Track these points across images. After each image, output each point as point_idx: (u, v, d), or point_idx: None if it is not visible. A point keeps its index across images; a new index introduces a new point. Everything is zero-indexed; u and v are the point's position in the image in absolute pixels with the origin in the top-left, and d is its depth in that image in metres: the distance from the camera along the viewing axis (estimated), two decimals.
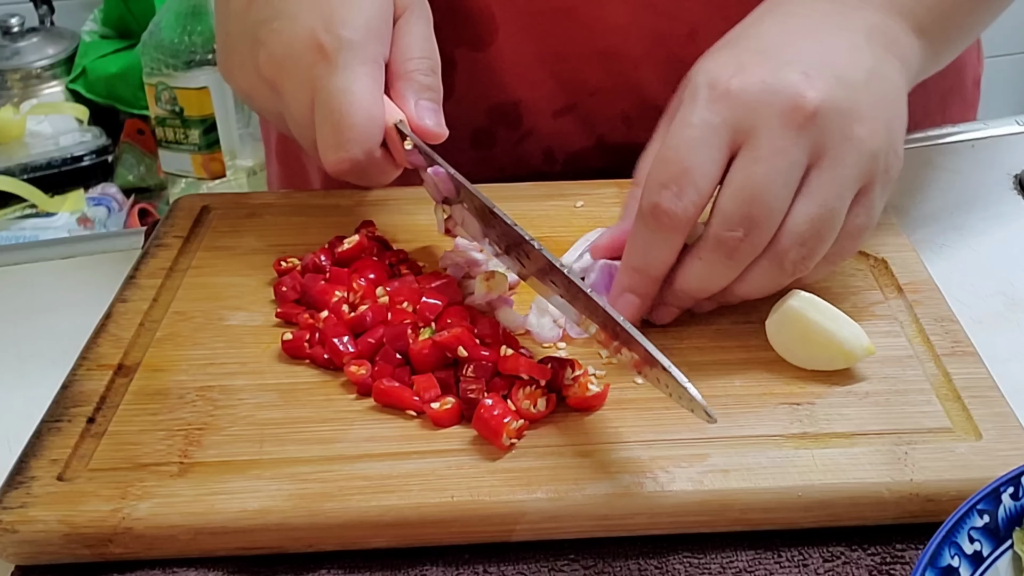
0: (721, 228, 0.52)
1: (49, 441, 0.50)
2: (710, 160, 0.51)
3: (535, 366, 0.52)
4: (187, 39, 1.71)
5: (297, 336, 0.56)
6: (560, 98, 0.76)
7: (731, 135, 0.51)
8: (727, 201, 0.51)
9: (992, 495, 0.42)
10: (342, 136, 0.57)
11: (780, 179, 0.51)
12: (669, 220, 0.52)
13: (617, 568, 0.47)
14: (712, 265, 0.53)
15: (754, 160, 0.51)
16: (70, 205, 1.79)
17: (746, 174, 0.51)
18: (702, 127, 0.51)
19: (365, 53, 0.58)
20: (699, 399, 0.45)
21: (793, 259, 0.53)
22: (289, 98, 0.59)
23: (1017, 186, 0.77)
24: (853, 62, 0.54)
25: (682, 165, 0.51)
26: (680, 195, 0.51)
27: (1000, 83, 2.22)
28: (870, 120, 0.53)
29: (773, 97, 0.51)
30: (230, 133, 1.78)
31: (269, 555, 0.48)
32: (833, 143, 0.51)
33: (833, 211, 0.52)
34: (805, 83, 0.51)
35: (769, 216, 0.51)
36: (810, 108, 0.51)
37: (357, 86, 0.57)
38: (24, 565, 0.48)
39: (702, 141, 0.51)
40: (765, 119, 0.51)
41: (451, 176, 0.58)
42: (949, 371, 0.54)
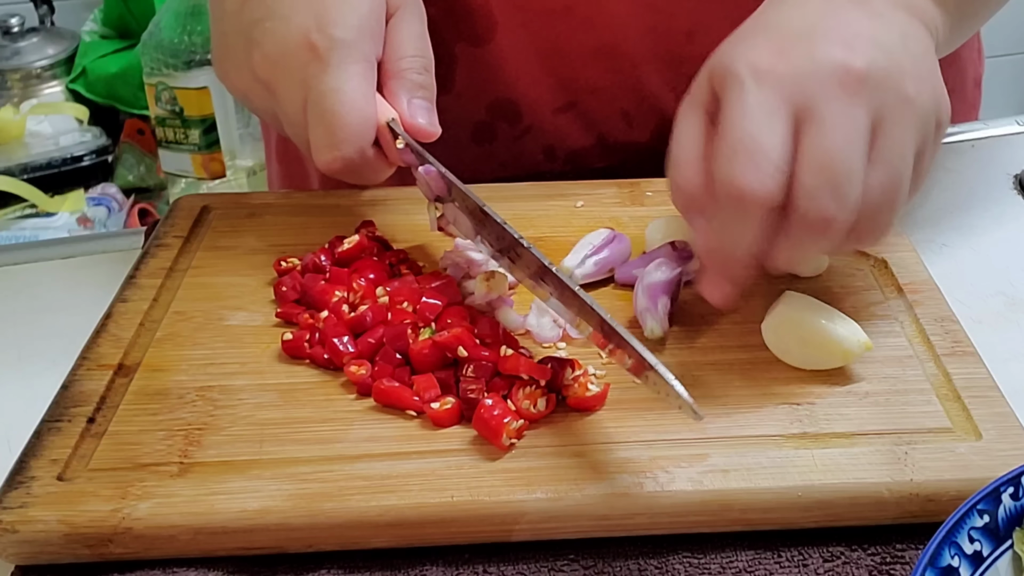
0: (808, 202, 0.50)
1: (49, 441, 0.50)
2: (777, 135, 0.50)
3: (535, 366, 0.52)
4: (187, 39, 1.71)
5: (297, 336, 0.56)
6: (560, 95, 0.76)
7: (791, 111, 0.50)
8: (808, 176, 0.50)
9: (992, 495, 0.42)
10: (334, 135, 0.57)
11: (854, 144, 0.50)
12: (753, 199, 0.49)
13: (617, 568, 0.47)
14: (805, 243, 0.51)
15: (823, 132, 0.50)
16: (70, 205, 1.79)
17: (820, 145, 0.50)
18: (761, 108, 0.50)
19: (357, 52, 0.58)
20: (685, 396, 0.45)
21: (871, 227, 0.52)
22: (283, 98, 0.59)
23: (1017, 186, 0.77)
24: (884, 28, 0.53)
25: (752, 139, 0.50)
26: (758, 170, 0.49)
27: (1000, 83, 2.22)
28: (916, 78, 0.52)
29: (822, 71, 0.50)
30: (230, 133, 1.78)
31: (269, 555, 0.48)
32: (890, 106, 0.51)
33: (901, 175, 0.52)
34: (848, 53, 0.51)
35: (852, 182, 0.50)
36: (861, 73, 0.50)
37: (349, 85, 0.57)
38: (24, 565, 0.48)
39: (765, 119, 0.50)
40: (821, 92, 0.50)
41: (442, 175, 0.58)
42: (949, 371, 0.54)
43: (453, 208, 0.58)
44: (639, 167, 0.73)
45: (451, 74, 0.75)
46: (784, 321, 0.54)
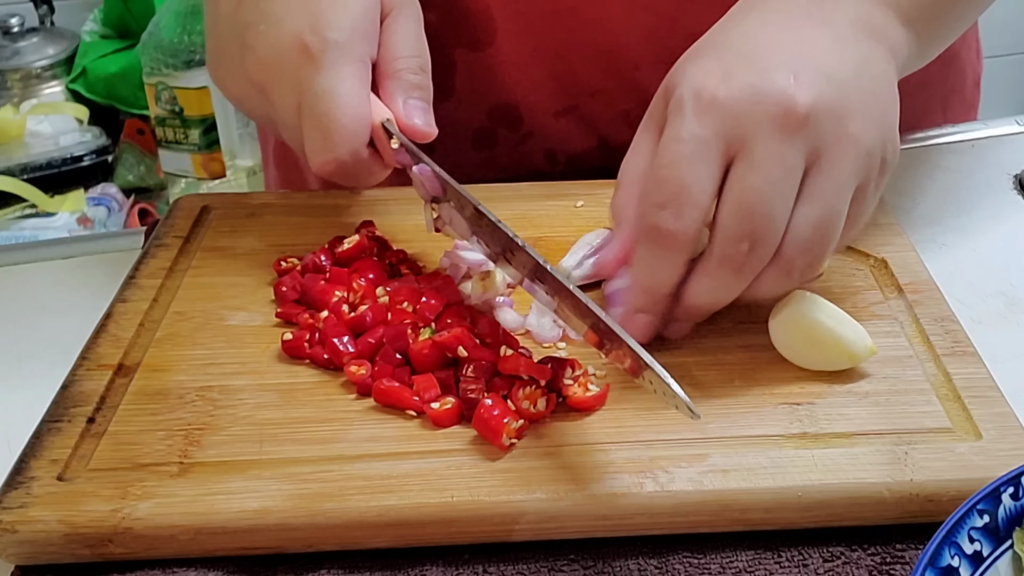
0: (725, 244, 0.51)
1: (49, 441, 0.50)
2: (706, 175, 0.50)
3: (535, 366, 0.52)
4: (187, 39, 1.71)
5: (297, 336, 0.56)
6: (560, 99, 0.76)
7: (723, 146, 0.50)
8: (728, 217, 0.50)
9: (992, 495, 0.42)
10: (328, 137, 0.57)
11: (779, 188, 0.50)
12: (672, 241, 0.51)
13: (617, 568, 0.47)
14: (720, 280, 0.52)
15: (750, 171, 0.50)
16: (70, 205, 1.79)
17: (744, 186, 0.50)
18: (693, 142, 0.50)
19: (351, 53, 0.58)
20: (682, 395, 0.45)
21: (800, 266, 0.52)
22: (277, 102, 0.59)
23: (1017, 186, 0.77)
24: (840, 57, 0.53)
25: (678, 183, 0.50)
26: (679, 214, 0.50)
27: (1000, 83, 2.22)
28: (862, 116, 0.52)
29: (762, 104, 0.50)
30: (230, 133, 1.79)
31: (269, 555, 0.48)
32: (828, 144, 0.51)
33: (835, 213, 0.52)
34: (794, 86, 0.50)
35: (772, 226, 0.50)
36: (802, 112, 0.50)
37: (343, 87, 0.57)
38: (24, 565, 0.48)
39: (695, 156, 0.50)
40: (757, 127, 0.50)
41: (437, 175, 0.57)
42: (949, 371, 0.54)
43: (449, 208, 0.58)
44: None
45: (451, 79, 0.75)
46: (793, 319, 0.54)
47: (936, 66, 0.84)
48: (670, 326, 0.56)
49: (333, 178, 0.59)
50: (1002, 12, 0.69)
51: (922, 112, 0.85)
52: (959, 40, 0.84)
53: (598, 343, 0.50)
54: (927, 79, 0.83)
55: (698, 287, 0.53)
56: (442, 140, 0.61)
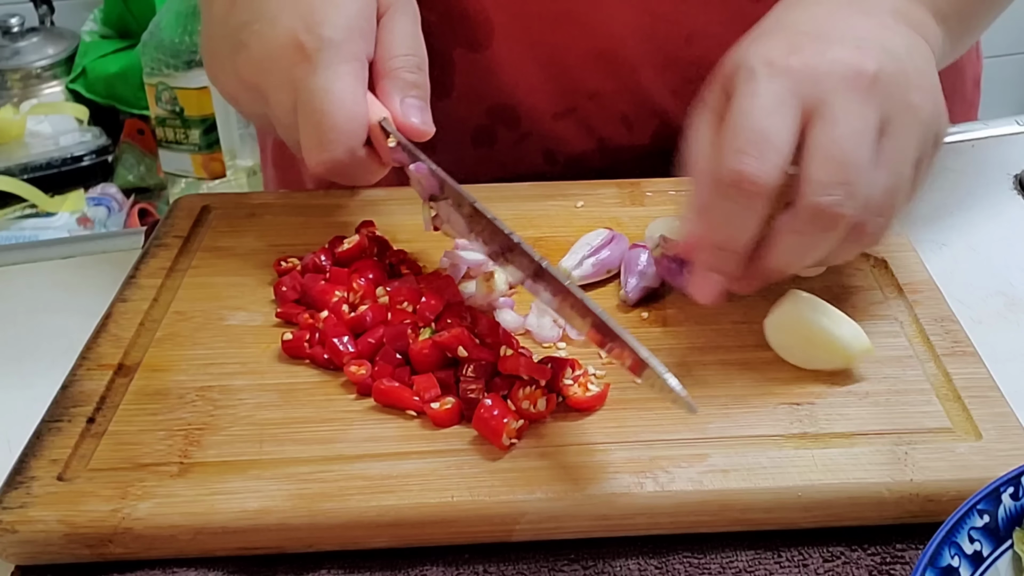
0: (817, 196, 0.49)
1: (49, 441, 0.50)
2: (785, 125, 0.50)
3: (535, 366, 0.52)
4: (187, 39, 1.71)
5: (297, 336, 0.56)
6: (559, 101, 0.76)
7: (800, 104, 0.50)
8: (817, 168, 0.50)
9: (992, 495, 0.42)
10: (324, 136, 0.57)
11: (863, 139, 0.50)
12: (754, 186, 0.49)
13: (617, 568, 0.47)
14: (810, 237, 0.51)
15: (833, 125, 0.50)
16: (70, 205, 1.79)
17: (830, 138, 0.50)
18: (770, 96, 0.50)
19: (346, 52, 0.57)
20: (679, 390, 0.45)
21: (871, 230, 0.52)
22: (272, 100, 0.59)
23: (1017, 186, 0.77)
24: (890, 37, 0.54)
25: (759, 129, 0.49)
26: (762, 158, 0.49)
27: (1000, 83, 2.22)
28: (920, 89, 0.53)
29: (835, 68, 0.51)
30: (230, 133, 1.78)
31: (269, 555, 0.48)
32: (896, 111, 0.51)
33: (904, 178, 0.52)
34: (859, 55, 0.51)
35: (861, 176, 0.50)
36: (871, 74, 0.51)
37: (338, 85, 0.57)
38: (24, 565, 0.48)
39: (774, 108, 0.50)
40: (832, 87, 0.50)
41: (433, 172, 0.57)
42: (949, 371, 0.54)
43: (446, 206, 0.58)
44: (639, 170, 0.72)
45: (450, 78, 0.75)
46: (788, 319, 0.54)
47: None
48: (740, 282, 0.54)
49: (330, 177, 0.59)
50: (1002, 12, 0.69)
51: None
52: None
53: (600, 342, 0.50)
54: None
55: (785, 245, 0.51)
56: (441, 137, 0.61)
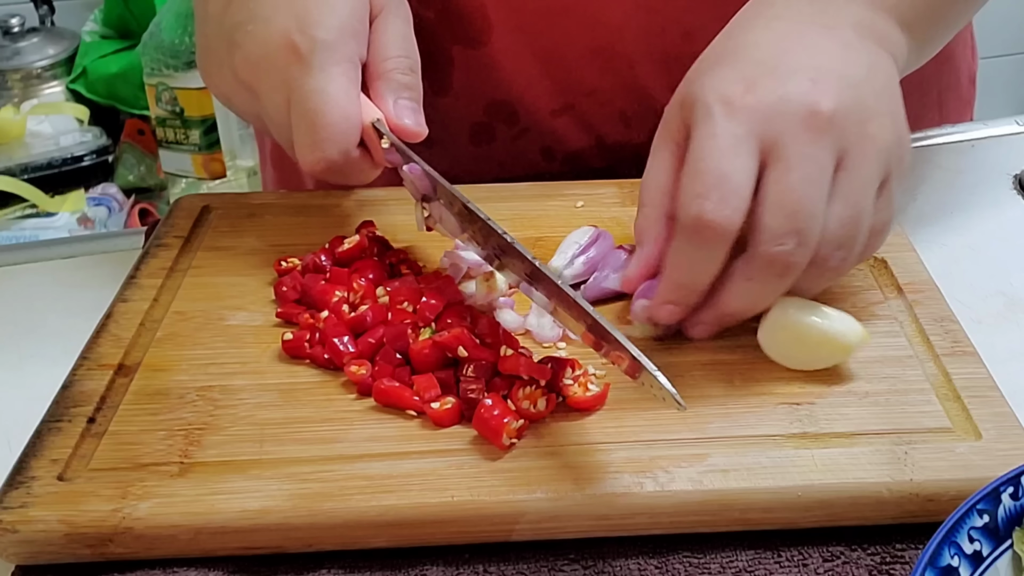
0: (770, 245, 0.51)
1: (49, 441, 0.50)
2: (744, 167, 0.51)
3: (535, 366, 0.52)
4: (187, 39, 1.71)
5: (297, 336, 0.56)
6: (557, 98, 0.76)
7: (757, 145, 0.51)
8: (770, 217, 0.50)
9: (992, 495, 0.42)
10: (317, 136, 0.57)
11: (816, 185, 0.51)
12: (715, 231, 0.50)
13: (617, 568, 0.47)
14: (764, 284, 0.52)
15: (787, 171, 0.50)
16: (70, 205, 1.79)
17: (783, 186, 0.50)
18: (728, 137, 0.51)
19: (340, 53, 0.58)
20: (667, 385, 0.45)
21: (834, 264, 0.53)
22: (266, 100, 0.59)
23: (1017, 186, 0.77)
24: (851, 61, 0.54)
25: (718, 173, 0.50)
26: (723, 203, 0.50)
27: (1000, 83, 2.22)
28: (878, 115, 0.53)
29: (789, 107, 0.51)
30: (230, 133, 1.79)
31: (269, 555, 0.48)
32: (852, 144, 0.52)
33: (863, 210, 0.52)
34: (816, 90, 0.51)
35: (814, 223, 0.51)
36: (826, 114, 0.51)
37: (332, 86, 0.57)
38: (24, 565, 0.48)
39: (732, 149, 0.51)
40: (786, 128, 0.51)
41: (426, 173, 0.57)
42: (949, 371, 0.54)
43: (439, 207, 0.58)
44: (638, 167, 0.72)
45: (448, 76, 0.75)
46: (778, 327, 0.54)
47: (932, 65, 0.84)
48: (696, 327, 0.55)
49: (323, 177, 0.59)
50: (1001, 12, 0.70)
51: (919, 111, 0.85)
52: (953, 38, 0.84)
53: (595, 344, 0.50)
54: (923, 78, 0.83)
55: (738, 290, 0.53)
56: (439, 135, 0.61)
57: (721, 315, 0.54)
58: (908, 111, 0.78)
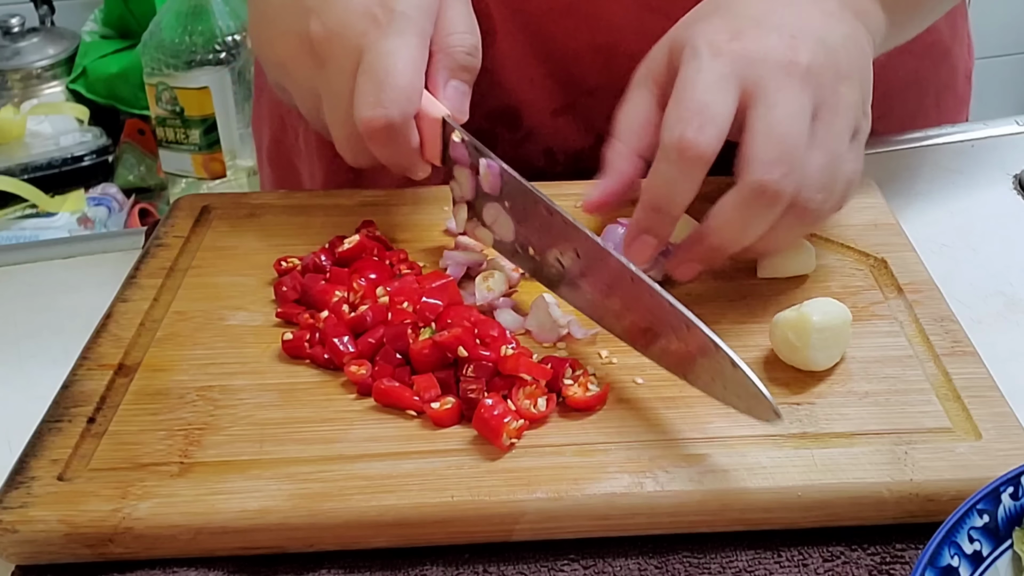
0: (759, 173, 0.53)
1: (49, 441, 0.50)
2: (724, 100, 0.54)
3: (535, 366, 0.52)
4: (187, 39, 1.71)
5: (297, 336, 0.56)
6: (558, 97, 0.76)
7: (739, 84, 0.54)
8: (758, 147, 0.53)
9: (992, 495, 0.42)
10: (382, 93, 0.57)
11: (799, 120, 0.54)
12: (694, 152, 0.53)
13: (617, 568, 0.47)
14: (751, 213, 0.54)
15: (771, 107, 0.53)
16: (70, 205, 1.79)
17: (769, 119, 0.53)
18: (712, 72, 0.54)
19: (416, 26, 0.58)
20: (764, 391, 0.46)
21: (814, 208, 0.55)
22: (333, 68, 0.59)
23: (1017, 186, 0.77)
24: (830, 27, 0.57)
25: (700, 101, 0.53)
26: (702, 128, 0.53)
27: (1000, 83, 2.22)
28: (849, 80, 0.56)
29: (770, 56, 0.54)
30: (230, 133, 1.78)
31: (269, 555, 0.48)
32: (826, 98, 0.55)
33: (839, 157, 0.55)
34: (795, 45, 0.55)
35: (799, 153, 0.53)
36: (804, 63, 0.54)
37: (405, 51, 0.57)
38: (24, 565, 0.48)
39: (715, 84, 0.54)
40: (768, 71, 0.54)
41: (503, 172, 0.58)
42: (949, 371, 0.54)
43: (496, 208, 0.58)
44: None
45: None
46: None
47: (928, 62, 0.84)
48: (682, 266, 0.57)
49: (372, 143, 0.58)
50: (1001, 12, 0.70)
51: (916, 108, 0.85)
52: (950, 35, 0.84)
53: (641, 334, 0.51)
54: (920, 75, 0.84)
55: (726, 220, 0.54)
56: None
57: (708, 248, 0.56)
58: (905, 109, 0.78)
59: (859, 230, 0.65)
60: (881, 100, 0.82)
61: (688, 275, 0.57)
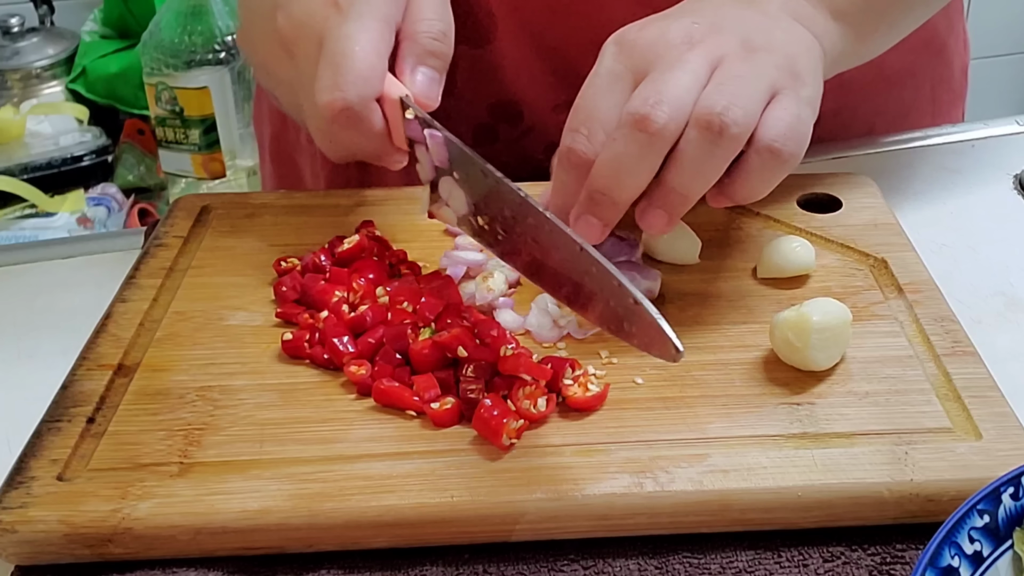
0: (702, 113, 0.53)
1: (49, 441, 0.50)
2: (614, 103, 0.56)
3: (535, 366, 0.52)
4: (187, 39, 1.71)
5: (297, 336, 0.56)
6: (559, 92, 0.76)
7: (633, 77, 0.56)
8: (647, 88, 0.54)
9: (992, 495, 0.42)
10: (340, 76, 0.56)
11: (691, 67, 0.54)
12: (580, 160, 0.56)
13: (617, 568, 0.47)
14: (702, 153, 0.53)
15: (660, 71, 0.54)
16: (70, 205, 1.79)
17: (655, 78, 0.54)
18: (606, 76, 0.56)
19: (377, 10, 0.58)
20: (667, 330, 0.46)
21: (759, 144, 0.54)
22: (300, 58, 0.59)
23: (1017, 186, 0.77)
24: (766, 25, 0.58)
25: (589, 110, 0.56)
26: (591, 137, 0.55)
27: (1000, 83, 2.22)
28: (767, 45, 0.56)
29: (666, 37, 0.56)
30: (230, 133, 1.78)
31: (269, 555, 0.48)
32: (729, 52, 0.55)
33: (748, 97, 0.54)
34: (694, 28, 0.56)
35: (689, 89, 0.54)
36: (700, 36, 0.56)
37: (363, 35, 0.57)
38: (24, 565, 0.48)
39: (606, 88, 0.56)
40: (660, 55, 0.56)
41: (448, 140, 0.57)
42: (949, 371, 0.54)
43: (449, 183, 0.58)
44: None
45: (452, 76, 0.75)
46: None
47: (925, 56, 0.84)
48: (648, 213, 0.56)
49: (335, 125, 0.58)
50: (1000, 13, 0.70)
51: (911, 102, 0.85)
52: (946, 29, 0.84)
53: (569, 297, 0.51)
54: (915, 69, 0.84)
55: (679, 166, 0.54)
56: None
57: (667, 192, 0.55)
58: (901, 103, 0.78)
59: (859, 230, 0.65)
60: (876, 94, 0.82)
61: (656, 225, 0.56)
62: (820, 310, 0.54)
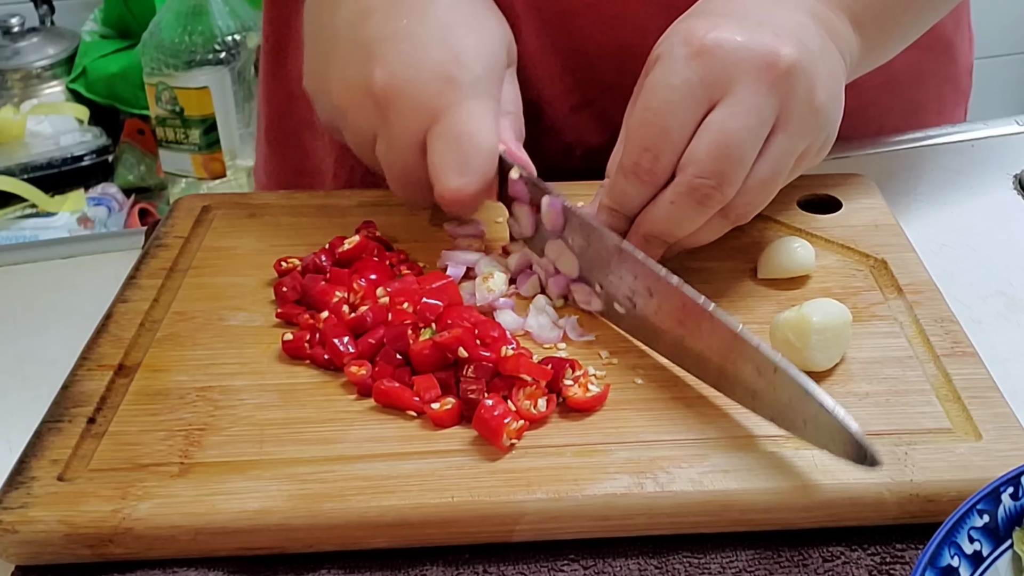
0: (695, 176, 0.54)
1: (49, 441, 0.50)
2: (688, 120, 0.54)
3: (535, 366, 0.52)
4: (187, 39, 1.71)
5: (297, 336, 0.56)
6: (576, 94, 0.76)
7: (709, 92, 0.54)
8: (703, 152, 0.54)
9: (992, 495, 0.42)
10: (468, 163, 0.57)
11: (752, 136, 0.54)
12: (648, 178, 0.55)
13: (617, 568, 0.47)
14: (683, 209, 0.55)
15: (731, 116, 0.53)
16: (70, 205, 1.79)
17: (722, 128, 0.53)
18: (681, 87, 0.54)
19: (491, 89, 0.59)
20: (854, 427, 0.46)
21: (739, 212, 0.57)
22: (397, 121, 0.58)
23: (1017, 186, 0.77)
24: (809, 35, 0.57)
25: (661, 127, 0.54)
26: (658, 157, 0.55)
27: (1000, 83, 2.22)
28: (826, 90, 0.56)
29: (749, 52, 0.54)
30: (230, 133, 1.79)
31: (269, 555, 0.48)
32: (797, 106, 0.55)
33: (781, 174, 0.56)
34: (777, 41, 0.54)
35: (739, 171, 0.54)
36: (784, 65, 0.54)
37: (485, 120, 0.58)
38: (24, 565, 0.48)
39: (680, 103, 0.54)
40: (742, 74, 0.54)
41: (564, 208, 0.58)
42: (949, 372, 0.54)
43: (558, 246, 0.58)
44: None
45: None
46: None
47: (932, 55, 0.84)
48: None
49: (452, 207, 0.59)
50: (1001, 12, 0.70)
51: (917, 101, 0.85)
52: (953, 28, 0.84)
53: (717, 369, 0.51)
54: (923, 68, 0.84)
55: (661, 211, 0.56)
56: None
57: (646, 234, 0.57)
58: (907, 102, 0.78)
59: (859, 231, 0.65)
60: (885, 94, 0.82)
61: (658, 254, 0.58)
62: (820, 311, 0.54)
